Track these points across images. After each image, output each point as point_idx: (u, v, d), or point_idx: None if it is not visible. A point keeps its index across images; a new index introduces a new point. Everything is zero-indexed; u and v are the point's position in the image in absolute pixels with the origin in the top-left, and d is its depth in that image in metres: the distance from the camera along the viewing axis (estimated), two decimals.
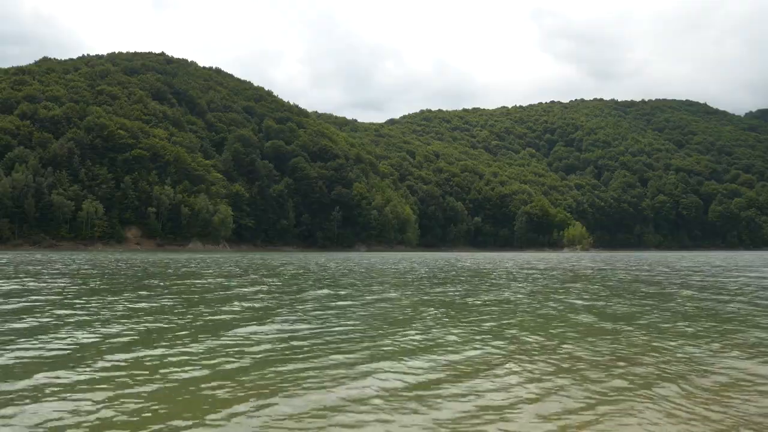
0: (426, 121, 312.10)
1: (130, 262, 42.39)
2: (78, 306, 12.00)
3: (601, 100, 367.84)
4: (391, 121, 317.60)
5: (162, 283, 19.77)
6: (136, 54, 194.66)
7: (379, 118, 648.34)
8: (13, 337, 8.04)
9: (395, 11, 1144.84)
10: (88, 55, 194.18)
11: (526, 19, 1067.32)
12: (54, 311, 11.00)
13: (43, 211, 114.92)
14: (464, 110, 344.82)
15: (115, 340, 8.02)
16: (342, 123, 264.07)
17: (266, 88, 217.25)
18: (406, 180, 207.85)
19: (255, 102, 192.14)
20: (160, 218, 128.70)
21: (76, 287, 17.45)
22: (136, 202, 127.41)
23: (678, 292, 17.00)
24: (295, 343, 7.95)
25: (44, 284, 18.41)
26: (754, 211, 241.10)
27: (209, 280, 22.09)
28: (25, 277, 21.92)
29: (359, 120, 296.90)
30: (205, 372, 6.22)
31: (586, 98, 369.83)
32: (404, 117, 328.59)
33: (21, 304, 12.10)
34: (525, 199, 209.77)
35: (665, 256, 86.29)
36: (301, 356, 7.04)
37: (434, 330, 9.27)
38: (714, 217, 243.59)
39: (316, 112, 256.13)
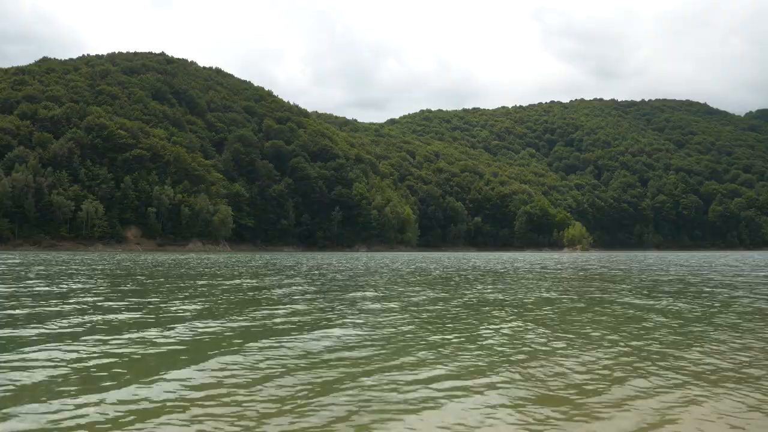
0: (426, 121, 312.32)
1: (161, 263, 42.25)
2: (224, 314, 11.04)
3: (602, 100, 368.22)
4: (391, 121, 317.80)
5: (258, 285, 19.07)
6: (136, 54, 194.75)
7: (381, 117, 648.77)
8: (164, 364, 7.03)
9: (396, 10, 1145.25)
10: (88, 55, 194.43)
11: (528, 18, 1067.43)
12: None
13: (43, 211, 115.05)
14: (464, 110, 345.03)
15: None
16: (342, 123, 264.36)
17: (266, 88, 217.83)
18: (406, 180, 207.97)
19: (255, 102, 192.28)
20: (160, 218, 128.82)
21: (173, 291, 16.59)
22: (136, 202, 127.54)
23: None
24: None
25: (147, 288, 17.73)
26: (754, 211, 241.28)
27: (271, 279, 21.95)
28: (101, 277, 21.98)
29: (361, 119, 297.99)
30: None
31: (587, 98, 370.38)
32: (404, 117, 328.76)
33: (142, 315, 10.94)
34: (525, 199, 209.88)
35: (676, 256, 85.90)
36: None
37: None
38: (714, 217, 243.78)
39: (317, 112, 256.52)
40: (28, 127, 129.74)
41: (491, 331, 9.16)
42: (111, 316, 10.38)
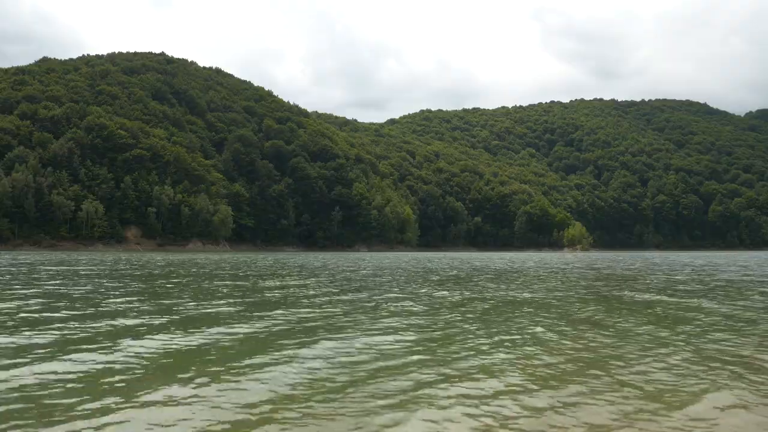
0: (426, 121, 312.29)
1: (185, 263, 42.17)
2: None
3: (601, 100, 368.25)
4: (391, 121, 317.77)
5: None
6: (136, 54, 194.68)
7: (381, 117, 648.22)
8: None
9: (396, 10, 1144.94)
10: (88, 55, 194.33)
11: (528, 18, 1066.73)
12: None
13: (43, 211, 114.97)
14: (464, 110, 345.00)
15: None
16: (342, 123, 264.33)
17: (267, 88, 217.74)
18: (406, 180, 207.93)
19: (255, 102, 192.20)
20: (160, 218, 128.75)
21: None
22: (136, 202, 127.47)
23: None
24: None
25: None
26: (754, 211, 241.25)
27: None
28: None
29: (361, 119, 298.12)
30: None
31: (587, 98, 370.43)
32: (404, 117, 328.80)
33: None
34: (525, 199, 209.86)
35: (679, 256, 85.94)
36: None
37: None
38: (714, 217, 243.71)
39: (317, 112, 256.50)
40: (28, 127, 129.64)
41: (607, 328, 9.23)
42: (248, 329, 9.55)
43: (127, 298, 14.06)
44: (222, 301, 13.76)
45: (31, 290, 16.37)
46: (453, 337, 8.64)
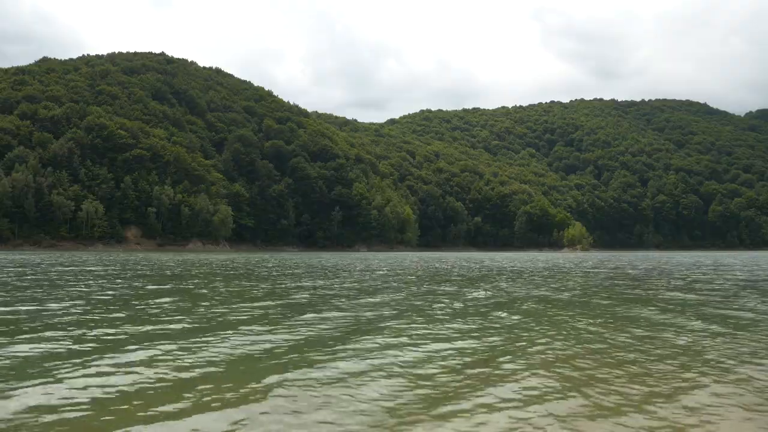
0: (426, 121, 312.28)
1: (204, 263, 41.67)
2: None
3: (601, 100, 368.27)
4: (391, 121, 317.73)
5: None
6: (136, 54, 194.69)
7: (381, 117, 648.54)
8: None
9: (396, 10, 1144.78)
10: (88, 55, 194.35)
11: (528, 18, 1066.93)
12: None
13: (43, 211, 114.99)
14: (464, 110, 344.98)
15: None
16: (342, 123, 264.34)
17: (266, 88, 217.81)
18: (406, 180, 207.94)
19: (255, 102, 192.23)
20: (160, 218, 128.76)
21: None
22: (136, 202, 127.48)
23: None
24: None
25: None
26: (754, 211, 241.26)
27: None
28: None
29: (361, 119, 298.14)
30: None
31: (587, 98, 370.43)
32: (404, 117, 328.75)
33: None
34: (525, 199, 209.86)
35: (682, 256, 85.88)
36: None
37: None
38: (714, 217, 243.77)
39: (317, 112, 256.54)
40: (28, 127, 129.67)
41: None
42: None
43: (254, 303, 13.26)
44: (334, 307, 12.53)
45: (110, 290, 16.16)
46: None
